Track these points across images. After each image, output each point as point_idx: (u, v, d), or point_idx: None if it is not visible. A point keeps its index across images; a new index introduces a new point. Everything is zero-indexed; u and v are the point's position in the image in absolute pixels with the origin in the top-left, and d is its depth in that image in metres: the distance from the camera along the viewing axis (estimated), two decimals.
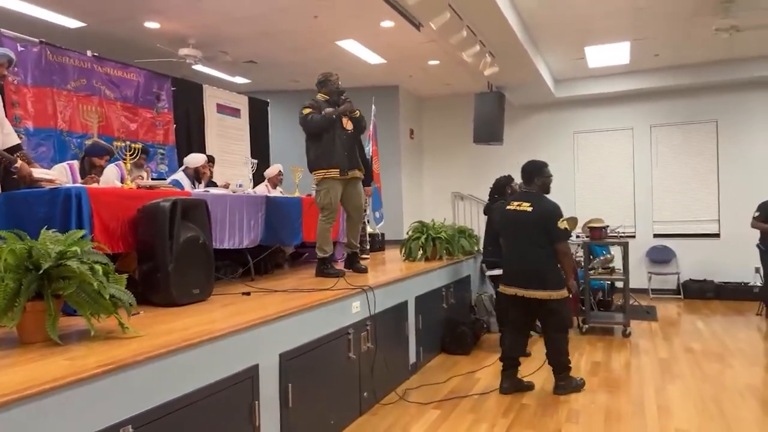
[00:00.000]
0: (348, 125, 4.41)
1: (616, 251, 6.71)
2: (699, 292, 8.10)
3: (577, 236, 7.85)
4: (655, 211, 8.76)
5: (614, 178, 9.03)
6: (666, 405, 3.74)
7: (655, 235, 8.73)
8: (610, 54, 7.45)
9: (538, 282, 3.89)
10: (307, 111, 4.30)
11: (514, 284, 4.00)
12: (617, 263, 6.48)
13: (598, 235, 6.08)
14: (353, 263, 4.58)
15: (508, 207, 4.17)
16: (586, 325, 5.91)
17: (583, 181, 9.17)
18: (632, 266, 6.70)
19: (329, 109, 4.30)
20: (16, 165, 3.16)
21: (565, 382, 4.01)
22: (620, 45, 7.11)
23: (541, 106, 9.31)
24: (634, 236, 8.60)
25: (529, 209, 3.96)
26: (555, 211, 3.94)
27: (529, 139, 9.37)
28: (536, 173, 4.12)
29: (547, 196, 4.10)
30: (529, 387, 4.09)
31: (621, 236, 6.92)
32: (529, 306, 3.97)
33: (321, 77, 4.50)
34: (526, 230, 3.96)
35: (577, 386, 4.04)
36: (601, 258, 6.42)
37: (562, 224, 3.91)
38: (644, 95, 8.74)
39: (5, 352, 2.11)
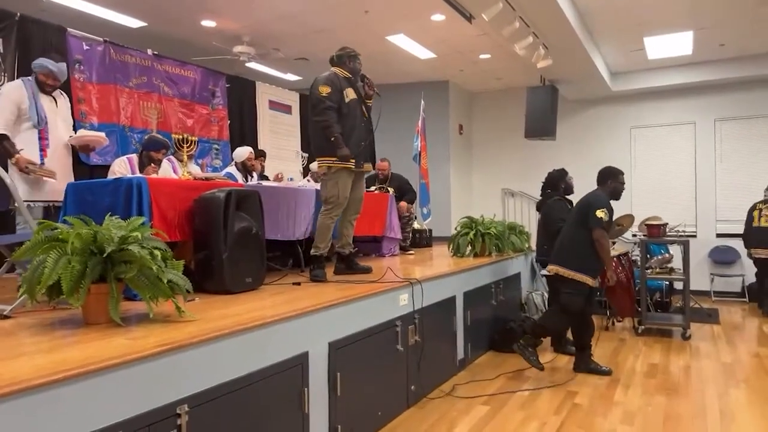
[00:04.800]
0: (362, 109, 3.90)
1: (675, 251, 6.43)
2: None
3: (634, 235, 7.55)
4: (719, 209, 8.34)
5: (674, 175, 8.66)
6: (729, 410, 3.55)
7: (719, 235, 8.31)
8: (671, 44, 7.13)
9: (560, 258, 4.16)
10: (325, 91, 3.63)
11: (550, 261, 4.33)
12: (677, 263, 6.20)
13: (655, 233, 5.83)
14: (352, 265, 3.97)
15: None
16: (642, 326, 5.68)
17: (640, 178, 8.83)
18: (693, 267, 6.39)
19: (344, 153, 3.64)
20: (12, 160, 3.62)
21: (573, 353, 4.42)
22: (683, 35, 6.79)
23: (597, 100, 9.03)
24: (695, 236, 8.21)
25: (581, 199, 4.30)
26: (598, 200, 4.11)
27: (583, 135, 9.12)
28: (609, 176, 4.30)
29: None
30: (538, 366, 4.23)
31: (681, 235, 6.62)
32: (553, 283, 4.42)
33: (341, 52, 3.84)
34: (571, 216, 4.32)
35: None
36: (659, 257, 6.17)
37: (600, 213, 4.03)
38: (708, 88, 8.33)
39: (71, 330, 2.23)
